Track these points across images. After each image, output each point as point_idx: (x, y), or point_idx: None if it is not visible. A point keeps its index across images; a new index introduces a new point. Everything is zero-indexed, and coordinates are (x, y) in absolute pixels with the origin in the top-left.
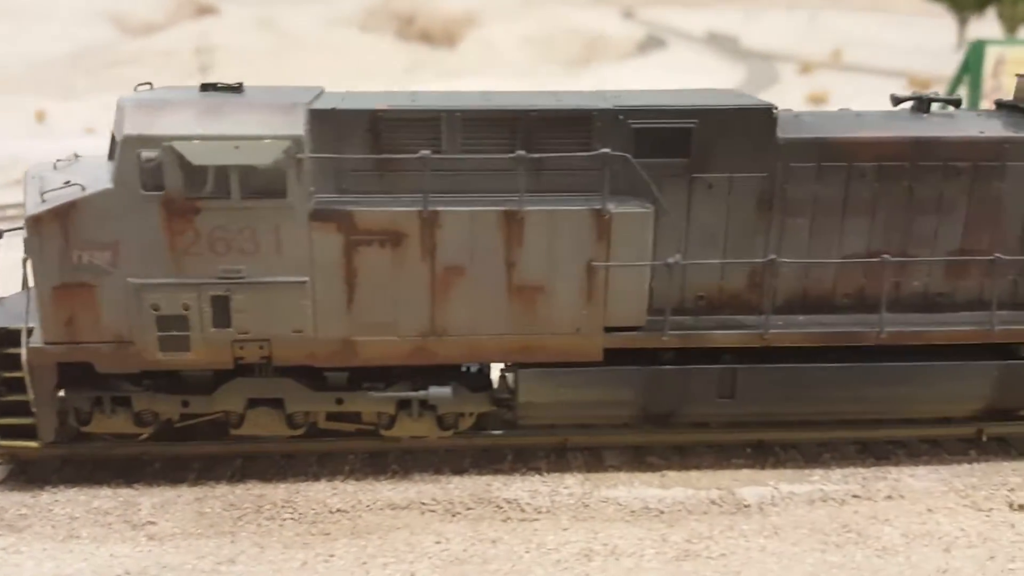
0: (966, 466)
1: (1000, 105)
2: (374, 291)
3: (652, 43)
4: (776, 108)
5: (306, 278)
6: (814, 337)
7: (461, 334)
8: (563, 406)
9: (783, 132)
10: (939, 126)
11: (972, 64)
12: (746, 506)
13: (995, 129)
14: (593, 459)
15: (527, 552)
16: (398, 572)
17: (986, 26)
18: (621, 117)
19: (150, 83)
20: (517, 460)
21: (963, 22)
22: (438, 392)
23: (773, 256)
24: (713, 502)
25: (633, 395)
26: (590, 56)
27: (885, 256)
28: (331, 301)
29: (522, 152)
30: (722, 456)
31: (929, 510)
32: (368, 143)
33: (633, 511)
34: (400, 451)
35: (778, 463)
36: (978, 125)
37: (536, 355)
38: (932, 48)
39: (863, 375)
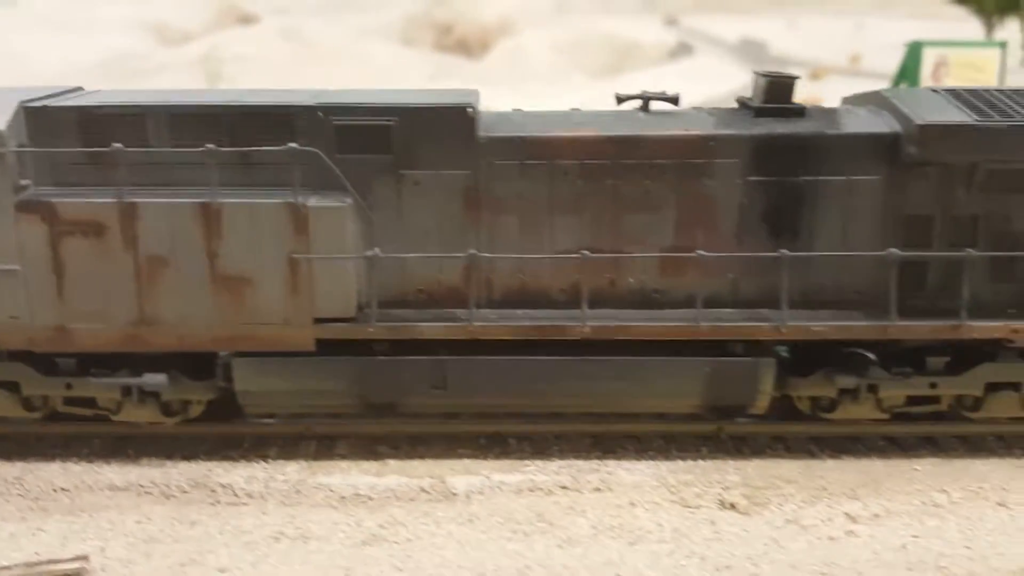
0: (690, 463)
1: (740, 103)
2: (83, 280)
3: (682, 50)
4: (473, 107)
5: (17, 267)
6: (519, 330)
7: (171, 323)
8: (281, 395)
9: (486, 131)
10: (646, 124)
11: (909, 66)
12: (454, 494)
13: (702, 127)
14: (324, 447)
15: (220, 534)
16: (92, 548)
17: (1015, 30)
18: (321, 114)
19: None
20: (252, 446)
21: (989, 27)
22: (153, 379)
23: (473, 251)
24: (423, 490)
25: (347, 385)
26: (621, 63)
27: (584, 252)
28: (42, 289)
29: (212, 146)
30: (453, 446)
31: (632, 503)
32: (80, 139)
33: (343, 497)
34: (146, 437)
35: (503, 454)
36: (688, 123)
37: (248, 344)
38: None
39: (573, 369)
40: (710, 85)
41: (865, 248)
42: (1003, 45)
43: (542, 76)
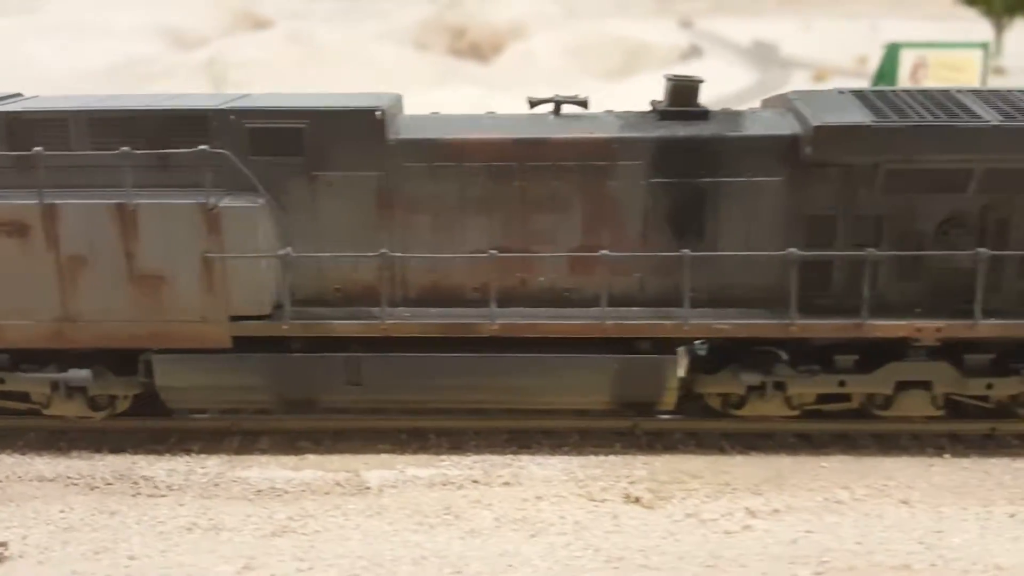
0: (602, 458)
1: (654, 105)
2: (10, 278)
3: (693, 52)
4: (382, 111)
5: None
6: (430, 327)
7: (93, 320)
8: (200, 390)
9: (397, 133)
10: (553, 127)
11: (887, 67)
12: (367, 488)
13: (606, 130)
14: (247, 442)
15: (137, 524)
16: (14, 535)
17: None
18: (233, 117)
19: None
20: (179, 441)
21: (999, 28)
22: (76, 375)
23: (385, 251)
24: (338, 483)
25: (264, 382)
26: (632, 66)
27: (493, 252)
28: None
29: (126, 148)
30: (372, 441)
31: (538, 497)
32: (7, 143)
33: (259, 491)
34: (78, 431)
35: (420, 449)
36: (593, 126)
37: (166, 342)
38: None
39: (483, 365)
40: (718, 87)
41: (769, 248)
42: (985, 46)
43: (552, 79)
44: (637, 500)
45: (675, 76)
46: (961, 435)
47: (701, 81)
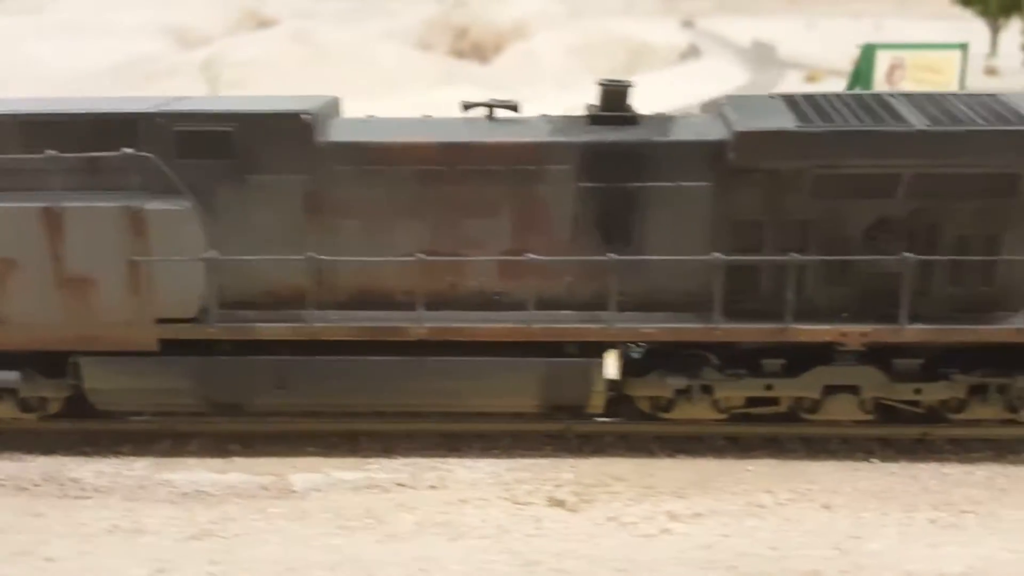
0: (530, 461)
1: (588, 110)
2: None
3: (694, 52)
4: (310, 115)
5: None
6: (358, 331)
7: (23, 322)
8: (128, 393)
9: (326, 137)
10: (482, 131)
11: (863, 68)
12: (292, 491)
13: (535, 134)
14: (178, 444)
15: (60, 526)
16: None
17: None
18: (161, 121)
19: None
20: (110, 443)
21: (995, 29)
22: (5, 376)
23: (311, 254)
24: (263, 487)
25: (191, 384)
26: (633, 65)
27: (420, 255)
28: None
29: (53, 152)
30: (303, 444)
31: (463, 501)
32: None
33: (184, 493)
34: (11, 432)
35: (350, 452)
36: (523, 130)
37: (93, 344)
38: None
39: (410, 368)
40: (715, 86)
41: (697, 253)
42: (964, 47)
43: (553, 78)
44: (561, 503)
45: (606, 80)
46: (892, 440)
47: (630, 85)
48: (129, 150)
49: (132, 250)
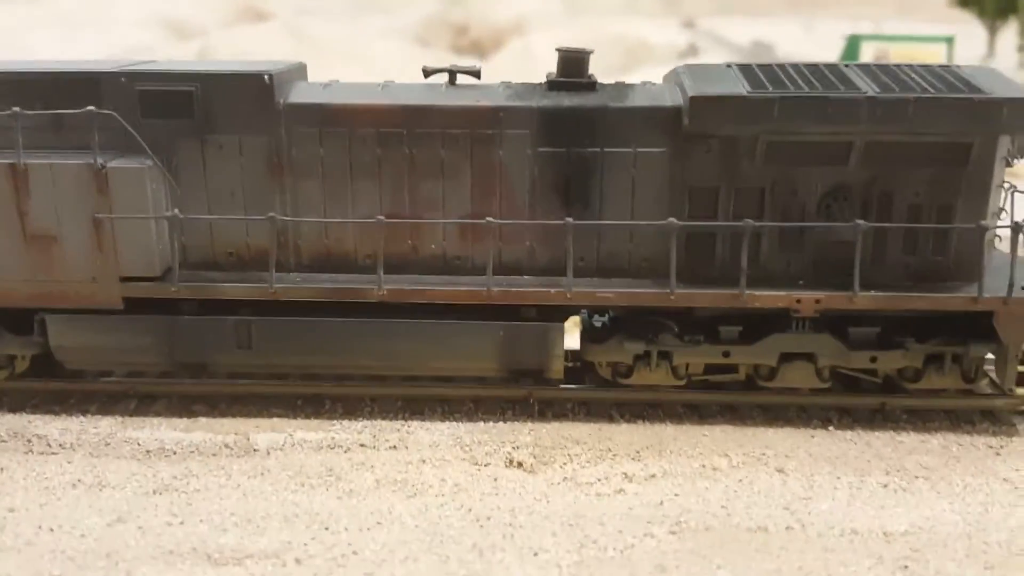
0: (491, 424)
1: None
2: None
3: (691, 51)
4: (271, 75)
5: None
6: (319, 292)
7: None
8: (94, 351)
9: (288, 98)
10: (442, 96)
11: (848, 59)
12: (255, 450)
13: (494, 99)
14: (144, 404)
15: (24, 479)
16: None
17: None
18: (124, 80)
19: None
20: (78, 402)
21: (993, 31)
22: None
23: (273, 214)
24: (226, 445)
25: (155, 343)
26: (629, 64)
27: (380, 218)
28: None
29: (17, 109)
30: (268, 406)
31: (422, 460)
32: None
33: (148, 451)
34: None
35: (314, 413)
36: (481, 95)
37: (59, 301)
38: (967, 57)
39: (371, 330)
40: None
41: (654, 219)
42: (950, 40)
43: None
44: (519, 464)
45: (564, 48)
46: (851, 410)
47: (590, 52)
48: (92, 108)
49: (95, 208)
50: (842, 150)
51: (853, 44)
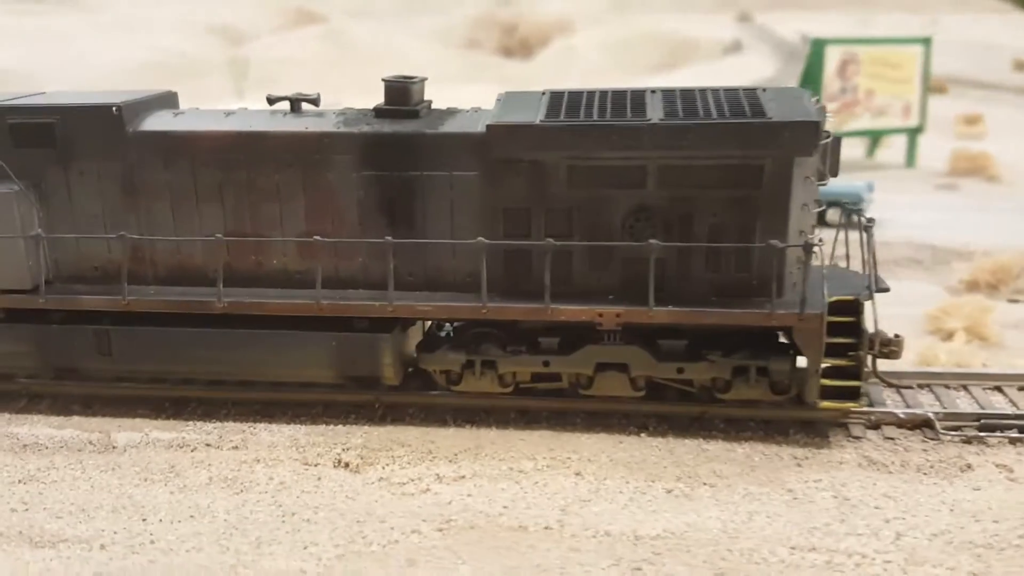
0: (330, 428)
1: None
2: None
3: (735, 47)
4: (119, 107)
5: None
6: (166, 304)
7: None
8: None
9: (137, 127)
10: (278, 123)
11: (813, 63)
12: (114, 447)
13: (322, 125)
14: (32, 403)
15: None
16: None
17: None
18: None
19: None
20: None
21: None
22: None
23: (123, 233)
24: (90, 442)
25: (29, 349)
26: (673, 61)
27: (218, 236)
28: None
29: None
30: (136, 407)
31: (257, 460)
32: None
33: (25, 444)
34: None
35: (175, 415)
36: (311, 122)
37: None
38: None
39: (216, 340)
40: (741, 79)
41: (471, 238)
42: (927, 42)
43: (591, 74)
44: (346, 465)
45: (390, 78)
46: (671, 418)
47: (414, 81)
48: None
49: None
50: (638, 174)
51: (817, 49)
